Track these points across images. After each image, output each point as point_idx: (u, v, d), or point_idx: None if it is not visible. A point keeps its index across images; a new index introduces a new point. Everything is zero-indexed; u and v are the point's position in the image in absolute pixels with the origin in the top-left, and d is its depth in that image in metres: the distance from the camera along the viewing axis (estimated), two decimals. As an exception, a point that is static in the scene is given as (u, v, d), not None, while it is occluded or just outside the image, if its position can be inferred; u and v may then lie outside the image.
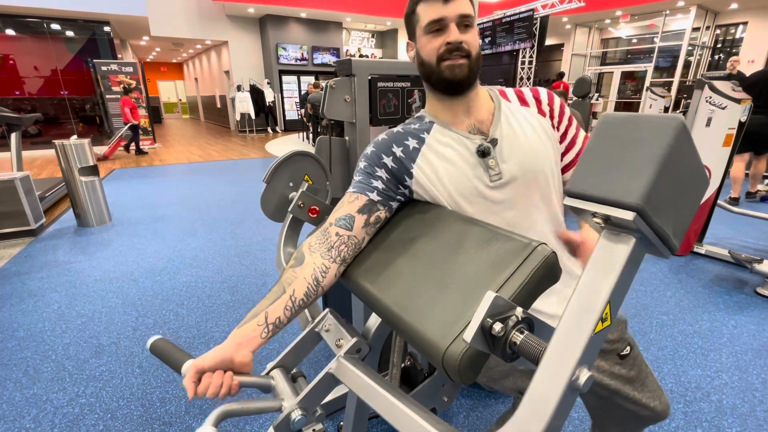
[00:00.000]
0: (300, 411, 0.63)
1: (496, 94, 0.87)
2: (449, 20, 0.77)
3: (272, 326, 0.69)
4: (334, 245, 0.77)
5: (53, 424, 1.49)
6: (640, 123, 0.33)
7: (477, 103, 0.84)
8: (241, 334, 0.68)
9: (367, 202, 0.80)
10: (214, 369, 0.64)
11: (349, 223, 0.79)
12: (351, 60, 1.27)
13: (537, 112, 0.85)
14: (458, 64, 0.78)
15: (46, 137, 9.07)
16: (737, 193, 4.08)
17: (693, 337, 1.95)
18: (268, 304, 0.71)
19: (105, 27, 9.33)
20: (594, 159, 0.34)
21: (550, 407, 0.32)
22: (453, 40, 0.77)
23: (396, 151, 0.83)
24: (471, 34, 0.78)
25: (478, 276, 0.63)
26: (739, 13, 9.73)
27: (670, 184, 0.34)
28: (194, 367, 0.63)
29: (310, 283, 0.73)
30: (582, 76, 4.44)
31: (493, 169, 0.80)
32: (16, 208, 3.27)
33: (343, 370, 0.67)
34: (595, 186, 0.33)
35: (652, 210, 0.32)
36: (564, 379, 0.34)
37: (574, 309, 0.37)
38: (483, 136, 0.82)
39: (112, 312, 2.22)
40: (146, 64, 19.40)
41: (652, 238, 0.35)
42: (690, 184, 0.37)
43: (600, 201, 0.33)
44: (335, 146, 1.43)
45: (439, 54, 0.78)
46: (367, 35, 13.95)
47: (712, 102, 2.61)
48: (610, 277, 0.34)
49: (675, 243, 0.38)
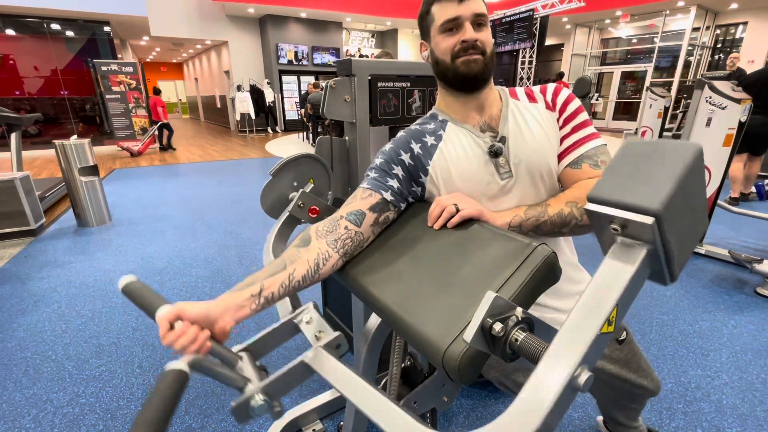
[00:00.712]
0: (263, 396, 0.59)
1: (505, 93, 0.89)
2: (464, 19, 0.78)
3: (263, 300, 0.68)
4: (341, 237, 0.77)
5: (53, 424, 1.49)
6: (662, 145, 0.35)
7: (489, 101, 0.86)
8: (233, 300, 0.66)
9: (380, 201, 0.81)
10: (193, 321, 0.60)
11: (359, 219, 0.79)
12: (351, 60, 1.26)
13: (545, 107, 0.86)
14: (473, 59, 0.79)
15: (46, 137, 9.07)
16: (737, 193, 4.08)
17: (693, 337, 1.95)
18: (266, 276, 0.70)
19: (105, 27, 9.33)
20: (617, 172, 0.36)
21: (548, 402, 0.32)
22: (468, 38, 0.78)
23: (414, 148, 0.85)
24: (485, 33, 0.80)
25: (478, 276, 0.63)
26: (739, 13, 9.73)
27: (683, 204, 0.35)
28: (176, 310, 0.60)
29: (311, 267, 0.73)
30: (582, 76, 4.44)
31: (503, 166, 0.82)
32: (16, 208, 3.27)
33: (320, 360, 0.63)
34: (617, 193, 0.34)
35: (667, 221, 0.34)
36: (565, 375, 0.34)
37: (582, 309, 0.37)
38: (493, 133, 0.84)
39: (112, 312, 2.22)
40: (146, 64, 19.40)
41: (661, 254, 0.36)
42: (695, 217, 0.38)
43: (621, 206, 0.34)
44: (335, 146, 1.43)
45: (454, 52, 0.80)
46: (367, 35, 13.95)
47: (712, 102, 2.61)
48: (620, 283, 0.35)
49: (677, 268, 0.39)
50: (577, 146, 0.83)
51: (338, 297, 1.78)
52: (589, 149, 0.82)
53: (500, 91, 0.89)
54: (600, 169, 0.81)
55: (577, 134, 0.83)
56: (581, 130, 0.83)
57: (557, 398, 0.33)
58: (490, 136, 0.83)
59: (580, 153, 0.82)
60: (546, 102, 0.86)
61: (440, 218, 0.75)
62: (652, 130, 5.39)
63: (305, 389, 1.63)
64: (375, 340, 0.83)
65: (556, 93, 0.86)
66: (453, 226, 0.74)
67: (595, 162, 0.81)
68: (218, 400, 1.58)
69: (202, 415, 1.51)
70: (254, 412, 0.58)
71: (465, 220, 0.74)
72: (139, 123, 8.78)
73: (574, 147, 0.83)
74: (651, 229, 0.34)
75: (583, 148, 0.82)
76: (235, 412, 0.57)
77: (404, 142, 0.86)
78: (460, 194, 0.80)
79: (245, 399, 0.58)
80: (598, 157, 0.81)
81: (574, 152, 0.82)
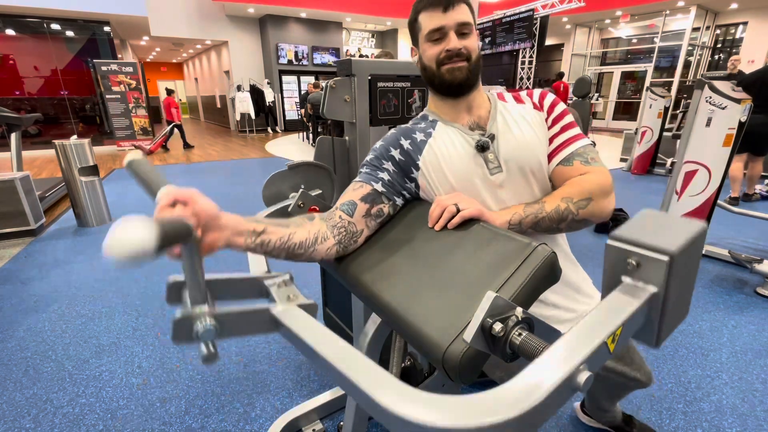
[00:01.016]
0: (212, 320, 0.51)
1: (493, 96, 0.93)
2: (448, 29, 0.81)
3: (259, 242, 0.67)
4: (336, 225, 0.79)
5: (53, 424, 1.49)
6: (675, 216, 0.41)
7: (477, 102, 0.89)
8: (238, 223, 0.64)
9: (371, 192, 0.83)
10: (196, 213, 0.56)
11: (351, 209, 0.81)
12: (351, 60, 1.27)
13: (532, 107, 0.90)
14: (457, 66, 0.83)
15: (46, 137, 9.07)
16: (737, 193, 4.07)
17: (693, 337, 1.95)
18: (271, 223, 0.70)
19: (105, 27, 9.33)
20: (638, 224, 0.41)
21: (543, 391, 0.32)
22: (452, 47, 0.82)
23: (404, 144, 0.88)
24: (470, 40, 0.83)
25: (478, 276, 0.63)
26: (739, 13, 9.74)
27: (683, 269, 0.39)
28: (188, 193, 0.56)
29: (309, 238, 0.74)
30: (582, 76, 4.44)
31: (492, 162, 0.85)
32: (16, 208, 3.26)
33: (289, 312, 0.56)
34: (638, 234, 0.39)
35: (676, 267, 0.37)
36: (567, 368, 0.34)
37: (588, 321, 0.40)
38: (481, 131, 0.87)
39: (112, 312, 2.22)
40: (146, 64, 19.39)
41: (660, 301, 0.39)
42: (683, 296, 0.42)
43: (641, 245, 0.39)
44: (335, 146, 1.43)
45: (439, 60, 0.84)
46: (367, 35, 13.95)
47: (712, 102, 2.61)
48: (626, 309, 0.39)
49: (665, 331, 0.43)
50: (567, 144, 0.86)
51: (338, 297, 1.78)
52: (579, 147, 0.85)
53: (488, 94, 0.93)
54: (590, 165, 0.83)
55: (566, 134, 0.87)
56: (569, 130, 0.87)
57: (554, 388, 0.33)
58: (479, 134, 0.86)
59: (570, 151, 0.85)
60: (533, 103, 0.90)
61: (441, 219, 0.76)
62: (652, 130, 5.39)
63: (305, 389, 1.64)
64: (375, 340, 0.83)
65: (542, 96, 0.91)
66: (454, 227, 0.75)
67: (586, 159, 0.84)
68: (218, 400, 1.58)
69: (202, 415, 1.51)
70: (197, 335, 0.51)
71: (465, 220, 0.75)
72: (139, 123, 8.78)
73: (564, 145, 0.86)
74: (664, 268, 0.38)
75: (573, 146, 0.85)
76: (175, 327, 0.50)
77: (394, 139, 0.89)
78: (460, 194, 0.81)
79: (193, 315, 0.51)
80: (588, 155, 0.84)
81: (565, 150, 0.85)
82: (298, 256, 0.74)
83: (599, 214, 0.80)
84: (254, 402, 1.57)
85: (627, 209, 3.50)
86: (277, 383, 1.67)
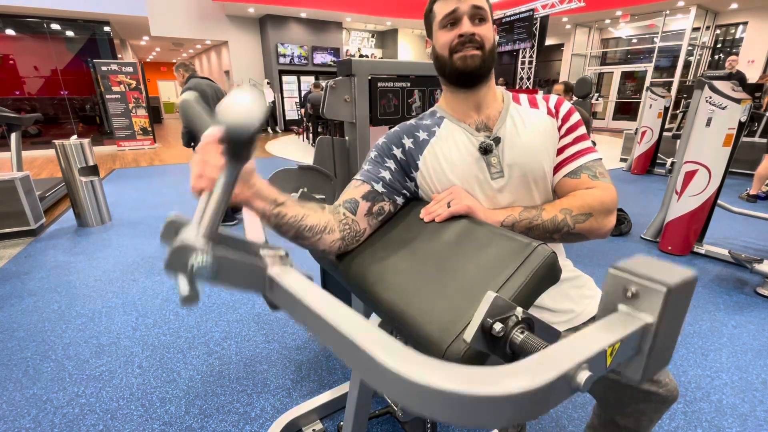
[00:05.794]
0: (210, 258, 0.46)
1: (508, 96, 0.90)
2: (462, 13, 0.79)
3: (276, 212, 0.69)
4: (342, 221, 0.79)
5: (53, 424, 1.49)
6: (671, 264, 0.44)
7: (487, 100, 0.87)
8: (264, 187, 0.67)
9: (371, 191, 0.83)
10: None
11: (354, 207, 0.81)
12: (351, 60, 1.27)
13: (546, 113, 0.87)
14: (470, 54, 0.80)
15: (46, 137, 9.07)
16: (756, 190, 4.00)
17: (693, 337, 1.95)
18: (291, 199, 0.72)
19: (105, 27, 9.33)
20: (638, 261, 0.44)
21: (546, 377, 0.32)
22: (465, 32, 0.79)
23: (406, 143, 0.87)
24: (485, 28, 0.81)
25: (478, 276, 0.63)
26: (739, 13, 9.73)
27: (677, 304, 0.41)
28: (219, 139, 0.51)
29: (319, 225, 0.74)
30: (583, 77, 4.44)
31: (495, 166, 0.83)
32: (16, 208, 3.26)
33: (287, 274, 0.54)
34: (639, 267, 0.42)
35: (672, 301, 0.40)
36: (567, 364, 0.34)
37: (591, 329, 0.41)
38: (488, 132, 0.85)
39: (112, 312, 2.22)
40: (146, 64, 19.39)
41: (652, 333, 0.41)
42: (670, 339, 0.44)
43: (641, 276, 0.41)
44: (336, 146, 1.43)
45: (452, 46, 0.81)
46: (367, 35, 13.95)
47: (712, 102, 2.61)
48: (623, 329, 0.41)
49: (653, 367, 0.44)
50: (577, 157, 0.84)
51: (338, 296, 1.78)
52: (588, 161, 0.84)
53: (503, 94, 0.90)
54: (597, 180, 0.82)
55: (577, 145, 0.85)
56: (581, 142, 0.85)
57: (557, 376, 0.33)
58: (484, 135, 0.84)
59: (580, 164, 0.84)
60: (548, 108, 0.87)
61: (431, 213, 0.77)
62: (652, 130, 5.39)
63: (305, 389, 1.64)
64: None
65: (559, 103, 0.88)
66: (441, 220, 0.76)
67: (594, 173, 0.83)
68: (218, 400, 1.58)
69: (202, 415, 1.51)
70: (192, 269, 0.46)
71: (465, 219, 0.75)
72: (139, 123, 8.77)
73: (574, 157, 0.84)
74: (661, 299, 0.40)
75: (582, 159, 0.84)
76: (173, 253, 0.46)
77: (397, 138, 0.88)
78: (457, 189, 0.81)
79: (196, 246, 0.46)
80: (596, 169, 0.83)
81: (574, 162, 0.84)
82: (305, 239, 0.74)
83: (597, 231, 0.78)
84: (254, 402, 1.57)
85: (627, 209, 3.50)
86: (277, 383, 1.67)
